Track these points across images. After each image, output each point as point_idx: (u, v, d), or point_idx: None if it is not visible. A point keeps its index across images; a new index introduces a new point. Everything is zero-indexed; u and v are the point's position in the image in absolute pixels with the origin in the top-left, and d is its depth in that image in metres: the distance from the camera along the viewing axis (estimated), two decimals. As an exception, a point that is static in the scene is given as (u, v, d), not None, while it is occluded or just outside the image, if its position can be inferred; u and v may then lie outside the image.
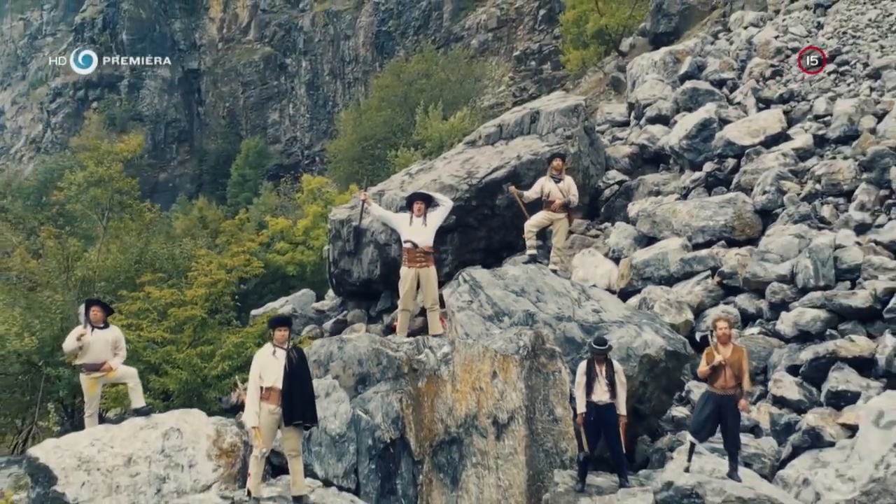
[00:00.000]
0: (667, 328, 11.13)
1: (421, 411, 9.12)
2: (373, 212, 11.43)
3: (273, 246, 27.43)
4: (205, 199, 49.59)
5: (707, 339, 8.97)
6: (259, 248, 20.95)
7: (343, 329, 17.11)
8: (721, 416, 8.71)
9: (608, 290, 13.98)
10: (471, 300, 11.15)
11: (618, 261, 15.79)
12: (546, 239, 13.98)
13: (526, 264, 12.22)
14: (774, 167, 15.63)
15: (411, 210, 10.34)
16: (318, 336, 16.98)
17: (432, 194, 10.81)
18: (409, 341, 9.93)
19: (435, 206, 10.44)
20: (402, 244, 10.49)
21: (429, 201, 10.44)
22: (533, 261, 12.23)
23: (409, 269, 10.21)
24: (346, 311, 18.27)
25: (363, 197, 11.30)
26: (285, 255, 27.41)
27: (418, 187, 15.81)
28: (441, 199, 10.56)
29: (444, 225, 11.03)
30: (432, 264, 10.33)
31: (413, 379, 9.32)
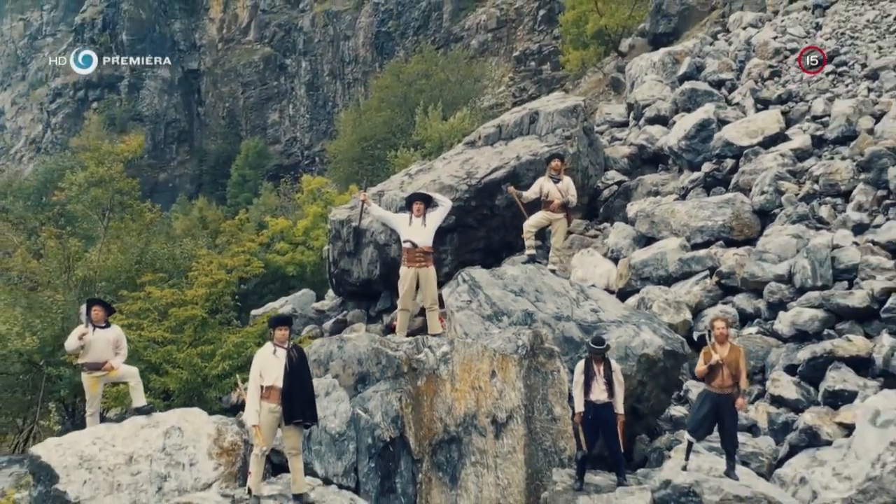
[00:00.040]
0: (665, 328, 11.19)
1: (420, 410, 9.17)
2: (372, 212, 11.46)
3: (273, 246, 27.43)
4: (205, 199, 49.62)
5: (705, 338, 9.00)
6: (259, 249, 20.97)
7: (343, 329, 17.17)
8: (719, 414, 8.75)
9: (607, 290, 14.03)
10: (470, 300, 11.20)
11: (616, 261, 15.83)
12: (545, 239, 14.02)
13: (525, 264, 12.26)
14: (773, 168, 15.65)
15: (411, 210, 10.39)
16: (318, 336, 17.05)
17: (432, 194, 10.86)
18: (408, 341, 9.97)
19: (434, 206, 10.50)
20: (401, 244, 10.54)
21: (428, 201, 10.49)
22: (532, 261, 12.27)
23: (409, 269, 10.27)
24: (345, 311, 18.32)
25: (363, 197, 11.35)
26: (285, 255, 27.43)
27: (418, 188, 15.85)
28: (440, 200, 10.61)
29: (443, 225, 11.08)
30: (432, 264, 10.38)
31: (412, 378, 9.37)
